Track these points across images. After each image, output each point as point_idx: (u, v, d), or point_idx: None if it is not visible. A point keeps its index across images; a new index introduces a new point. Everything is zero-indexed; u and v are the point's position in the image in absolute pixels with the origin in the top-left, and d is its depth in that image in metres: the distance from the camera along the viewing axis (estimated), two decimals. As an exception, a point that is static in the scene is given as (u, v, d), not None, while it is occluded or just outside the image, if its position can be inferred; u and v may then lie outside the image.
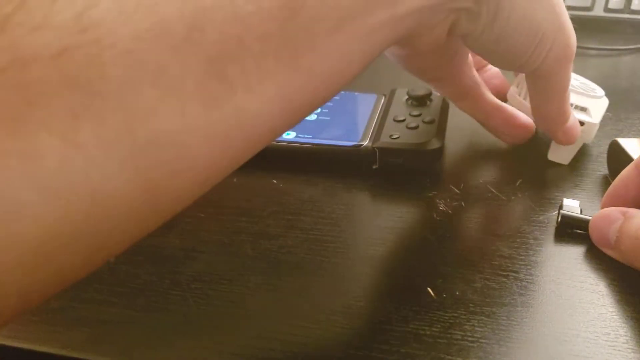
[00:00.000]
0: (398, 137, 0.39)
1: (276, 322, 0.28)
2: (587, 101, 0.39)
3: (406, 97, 0.44)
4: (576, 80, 0.42)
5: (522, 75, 0.41)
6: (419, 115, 0.41)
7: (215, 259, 0.32)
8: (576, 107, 0.39)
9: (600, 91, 0.42)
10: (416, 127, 0.40)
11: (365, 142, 0.39)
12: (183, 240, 0.33)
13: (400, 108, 0.43)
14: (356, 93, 0.46)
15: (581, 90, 0.40)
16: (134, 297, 0.29)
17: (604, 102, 0.41)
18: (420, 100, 0.43)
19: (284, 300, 0.29)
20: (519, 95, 0.42)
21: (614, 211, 0.31)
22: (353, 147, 0.39)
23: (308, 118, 0.43)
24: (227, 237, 0.33)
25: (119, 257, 0.32)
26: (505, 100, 0.41)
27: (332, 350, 0.26)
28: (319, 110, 0.44)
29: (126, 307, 0.29)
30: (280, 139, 0.40)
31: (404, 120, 0.41)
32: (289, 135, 0.40)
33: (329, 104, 0.45)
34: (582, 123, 0.38)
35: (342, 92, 0.46)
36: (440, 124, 0.40)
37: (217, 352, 0.26)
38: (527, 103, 0.40)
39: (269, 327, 0.27)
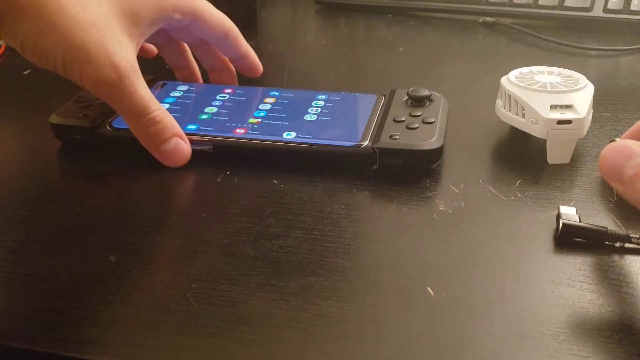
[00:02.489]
0: (398, 138, 0.39)
1: (277, 323, 0.28)
2: (570, 97, 0.40)
3: (406, 97, 0.44)
4: (557, 76, 0.42)
5: (504, 89, 0.41)
6: (419, 115, 0.41)
7: (216, 259, 0.32)
8: (560, 106, 0.39)
9: (583, 80, 0.42)
10: (416, 128, 0.40)
11: (365, 143, 0.39)
12: (184, 240, 0.33)
13: (400, 108, 0.43)
14: (356, 94, 0.46)
15: (562, 88, 0.40)
16: (134, 297, 0.29)
17: (589, 90, 0.41)
18: (420, 101, 0.43)
19: (284, 301, 0.29)
20: (504, 108, 0.42)
21: (634, 144, 0.28)
22: (353, 147, 0.39)
23: (308, 118, 0.43)
24: (228, 237, 0.34)
25: (120, 257, 0.32)
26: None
27: (333, 351, 0.26)
28: (319, 110, 0.44)
29: (127, 307, 0.29)
30: (280, 138, 0.40)
31: (403, 121, 0.41)
32: (290, 136, 0.40)
33: (329, 104, 0.45)
34: (569, 121, 0.38)
35: (343, 93, 0.46)
36: (440, 124, 0.40)
37: (217, 353, 0.26)
38: (517, 117, 0.41)
39: (269, 327, 0.28)
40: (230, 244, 0.33)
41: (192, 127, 0.42)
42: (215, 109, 0.44)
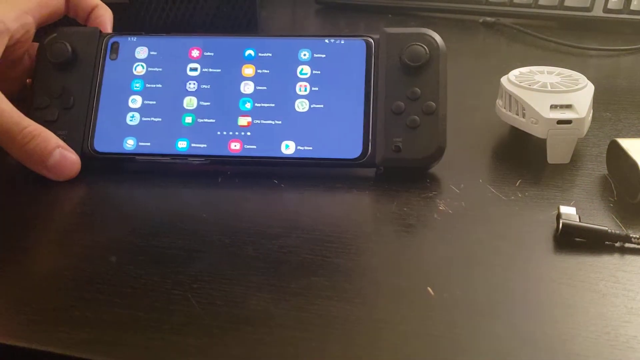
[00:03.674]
0: (401, 146, 0.38)
1: (277, 323, 0.28)
2: (569, 97, 0.40)
3: (399, 60, 0.40)
4: (557, 76, 0.42)
5: (504, 88, 0.41)
6: (418, 98, 0.39)
7: (217, 259, 0.32)
8: (560, 106, 0.39)
9: (583, 80, 0.42)
10: (418, 126, 0.38)
11: (367, 154, 0.38)
12: (185, 241, 0.33)
13: (395, 83, 0.39)
14: (341, 43, 0.41)
15: (562, 87, 0.40)
16: (136, 297, 0.29)
17: (589, 90, 0.41)
18: (416, 70, 0.39)
19: (285, 301, 0.29)
20: (504, 108, 0.42)
21: None
22: (355, 160, 0.38)
23: (300, 108, 0.40)
24: (229, 238, 0.34)
25: (122, 257, 0.32)
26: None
27: (334, 351, 0.26)
28: (307, 89, 0.40)
29: (128, 307, 0.29)
30: (279, 154, 0.39)
31: (403, 112, 0.39)
32: (289, 149, 0.39)
33: (316, 71, 0.40)
34: (569, 121, 0.38)
35: (326, 42, 0.41)
36: (442, 111, 0.38)
37: (219, 353, 0.26)
38: (517, 117, 0.41)
39: (270, 327, 0.28)
40: (231, 244, 0.33)
41: (182, 143, 0.40)
42: (195, 101, 0.40)
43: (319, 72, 0.41)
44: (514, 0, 0.70)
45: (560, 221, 0.33)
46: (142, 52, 0.42)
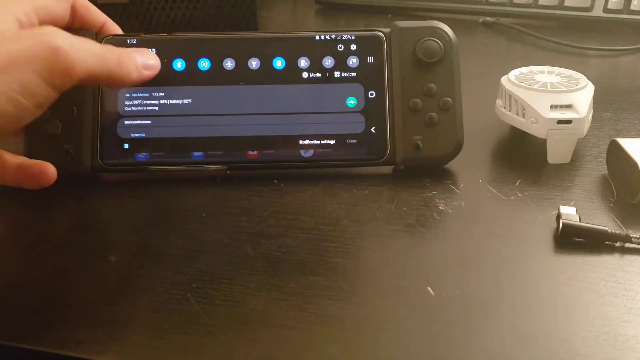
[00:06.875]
0: (421, 144, 0.38)
1: (277, 322, 0.28)
2: (570, 97, 0.40)
3: (413, 56, 0.39)
4: (557, 76, 0.42)
5: (504, 88, 0.41)
6: (434, 95, 0.39)
7: (216, 258, 0.32)
8: (560, 106, 0.39)
9: (583, 80, 0.42)
10: (436, 123, 0.38)
11: (388, 151, 0.38)
12: (184, 240, 0.33)
13: (410, 79, 0.39)
14: (353, 37, 0.40)
15: (562, 87, 0.40)
16: (135, 296, 0.29)
17: (589, 90, 0.41)
18: (431, 66, 0.39)
19: (284, 300, 0.29)
20: (504, 108, 0.42)
21: None
22: (377, 159, 0.39)
23: (317, 110, 0.39)
24: (228, 237, 0.34)
25: (121, 256, 0.32)
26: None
27: (332, 350, 0.26)
28: (322, 90, 0.39)
29: (128, 306, 0.29)
30: (299, 158, 0.39)
31: (420, 110, 0.38)
32: (307, 152, 0.39)
33: (329, 70, 0.39)
34: (569, 121, 0.38)
35: (338, 39, 0.40)
36: (457, 106, 0.39)
37: (218, 352, 0.26)
38: (517, 117, 0.41)
39: (269, 327, 0.28)
40: (230, 244, 0.33)
41: (197, 152, 0.39)
42: (205, 107, 0.39)
43: (332, 70, 0.39)
44: (514, 0, 0.70)
45: (560, 221, 0.33)
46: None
